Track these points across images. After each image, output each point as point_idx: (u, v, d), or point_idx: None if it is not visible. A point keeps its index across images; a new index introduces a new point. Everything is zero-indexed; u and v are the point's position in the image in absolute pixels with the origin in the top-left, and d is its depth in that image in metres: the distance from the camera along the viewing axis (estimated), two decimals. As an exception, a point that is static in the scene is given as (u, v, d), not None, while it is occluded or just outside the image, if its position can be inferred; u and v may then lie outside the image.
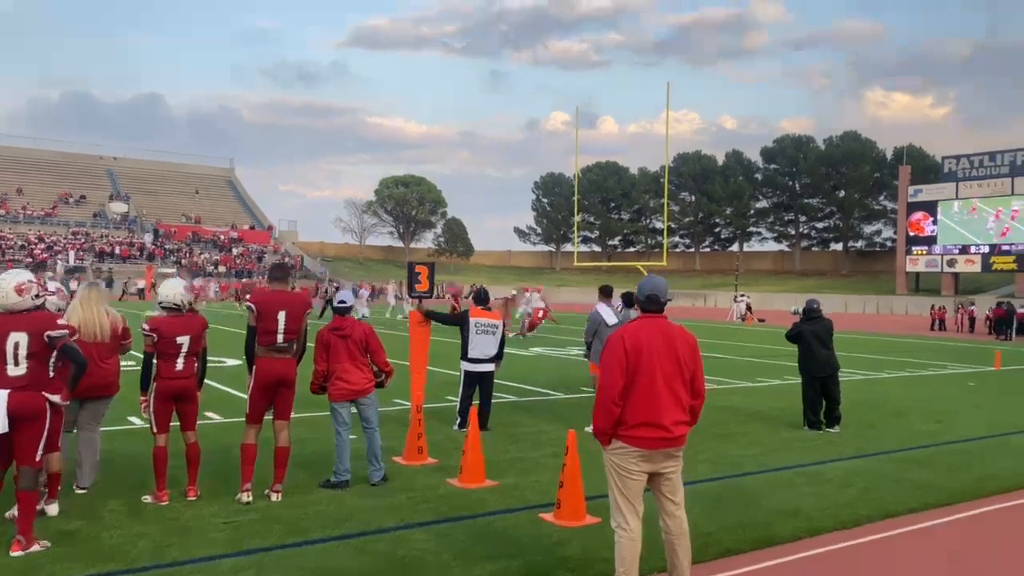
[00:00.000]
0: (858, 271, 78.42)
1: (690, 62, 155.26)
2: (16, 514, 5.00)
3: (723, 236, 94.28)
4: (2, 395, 4.72)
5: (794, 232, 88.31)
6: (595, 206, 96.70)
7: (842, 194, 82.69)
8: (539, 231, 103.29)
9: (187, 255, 69.32)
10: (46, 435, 4.90)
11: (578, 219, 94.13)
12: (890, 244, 77.00)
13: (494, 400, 10.14)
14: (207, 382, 6.73)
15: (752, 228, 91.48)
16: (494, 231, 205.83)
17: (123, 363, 6.78)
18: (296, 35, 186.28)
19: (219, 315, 30.71)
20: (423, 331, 9.25)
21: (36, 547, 4.85)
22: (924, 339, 30.72)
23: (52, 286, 6.82)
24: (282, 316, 6.11)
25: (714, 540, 5.44)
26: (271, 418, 6.33)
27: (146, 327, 5.97)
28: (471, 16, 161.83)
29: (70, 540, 5.09)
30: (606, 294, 10.41)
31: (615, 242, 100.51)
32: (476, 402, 8.75)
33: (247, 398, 6.26)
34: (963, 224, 59.11)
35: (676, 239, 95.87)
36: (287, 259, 77.20)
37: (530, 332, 26.12)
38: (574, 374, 15.44)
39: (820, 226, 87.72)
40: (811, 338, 10.25)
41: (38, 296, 4.96)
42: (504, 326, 9.73)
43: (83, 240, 66.34)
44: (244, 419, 6.29)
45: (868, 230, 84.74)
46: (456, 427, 9.19)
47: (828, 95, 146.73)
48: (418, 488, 6.64)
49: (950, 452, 8.77)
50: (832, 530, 5.84)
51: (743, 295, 46.53)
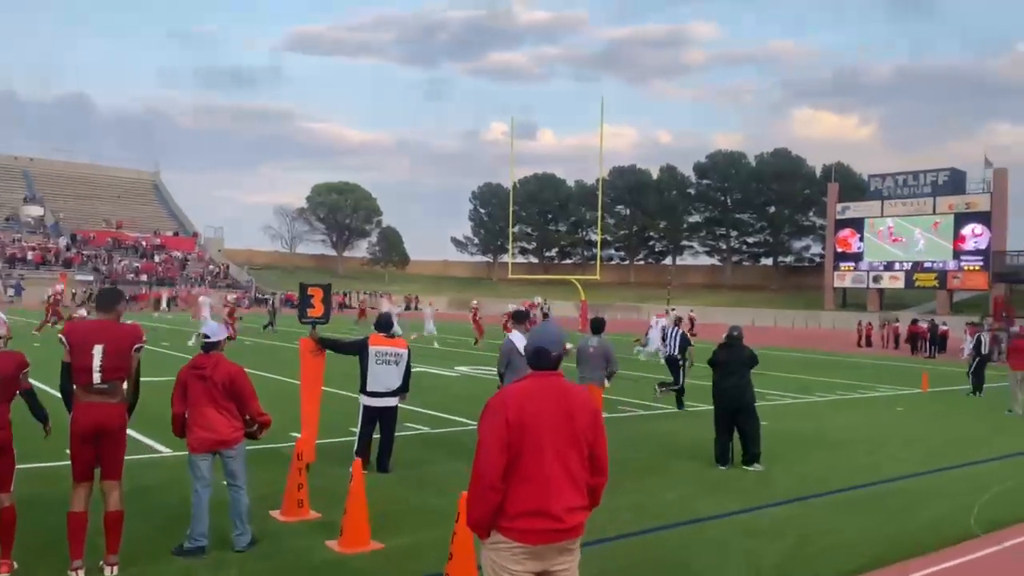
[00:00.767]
0: (788, 286, 79.74)
1: (627, 77, 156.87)
2: None
3: (657, 249, 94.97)
4: None
5: (726, 247, 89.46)
6: (533, 217, 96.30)
7: (772, 210, 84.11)
8: (476, 241, 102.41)
9: (106, 262, 66.25)
10: None
11: (515, 230, 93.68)
12: (818, 260, 78.49)
13: (402, 433, 9.25)
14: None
15: (685, 242, 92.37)
16: (431, 241, 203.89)
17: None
18: (230, 38, 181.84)
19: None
20: (316, 362, 8.31)
21: None
22: (852, 356, 30.89)
23: None
24: (98, 351, 5.04)
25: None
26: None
27: None
28: (409, 25, 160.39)
29: None
30: (519, 320, 9.59)
31: (552, 254, 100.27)
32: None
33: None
34: (888, 241, 60.53)
35: (612, 252, 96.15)
36: (213, 264, 74.60)
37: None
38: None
39: (751, 241, 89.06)
40: (724, 367, 9.61)
41: None
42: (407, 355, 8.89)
43: (-8, 245, 62.78)
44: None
45: (797, 246, 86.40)
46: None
47: (759, 113, 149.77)
48: (287, 555, 5.68)
49: (886, 493, 8.21)
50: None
51: (674, 309, 46.48)
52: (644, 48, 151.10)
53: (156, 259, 70.65)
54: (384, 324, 8.44)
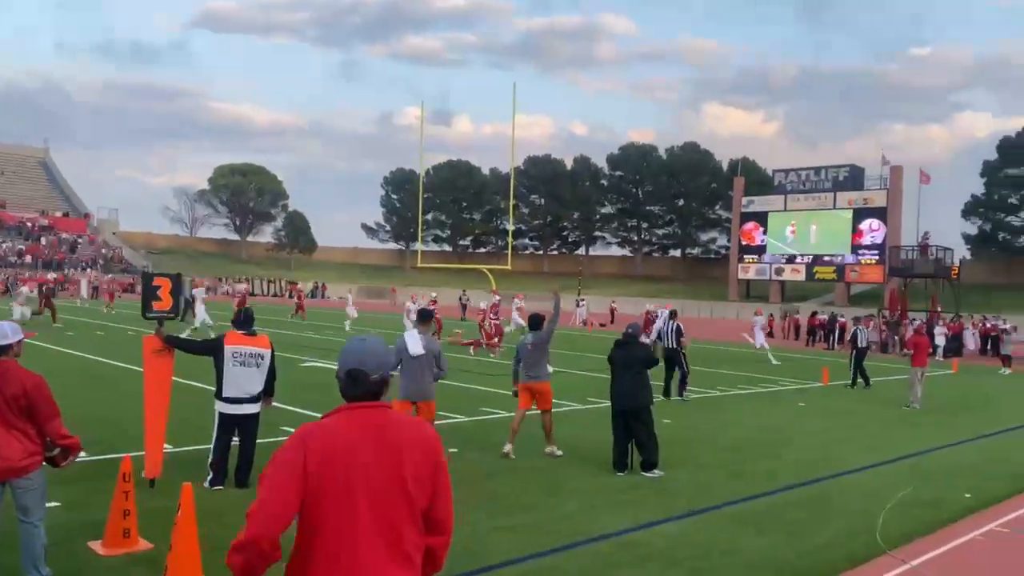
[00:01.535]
0: (695, 277, 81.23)
1: (543, 68, 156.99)
2: None
3: (571, 240, 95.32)
4: None
5: (637, 238, 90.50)
6: (447, 205, 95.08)
7: (681, 203, 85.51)
8: (388, 228, 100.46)
9: (-16, 243, 61.80)
10: None
11: (427, 217, 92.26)
12: (724, 252, 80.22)
13: (271, 439, 8.31)
14: None
15: (598, 233, 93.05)
16: (343, 227, 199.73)
17: None
18: (135, 13, 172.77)
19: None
20: (163, 362, 7.28)
21: None
22: (754, 348, 31.20)
23: None
24: None
25: None
26: None
27: None
28: (323, 5, 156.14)
29: None
30: (423, 320, 8.89)
31: (466, 242, 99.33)
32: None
33: None
34: (790, 235, 62.14)
35: (526, 241, 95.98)
36: (107, 248, 70.47)
37: (495, 345, 23.63)
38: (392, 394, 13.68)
39: (661, 232, 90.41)
40: (618, 366, 9.03)
41: None
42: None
43: None
44: None
45: (704, 238, 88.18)
46: (207, 485, 7.23)
47: (670, 107, 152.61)
48: (93, 604, 4.71)
49: (788, 503, 7.76)
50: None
51: (583, 299, 46.45)
52: (559, 40, 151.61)
53: (43, 241, 66.35)
54: (244, 320, 7.43)
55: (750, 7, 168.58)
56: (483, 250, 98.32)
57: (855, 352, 18.92)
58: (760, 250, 63.80)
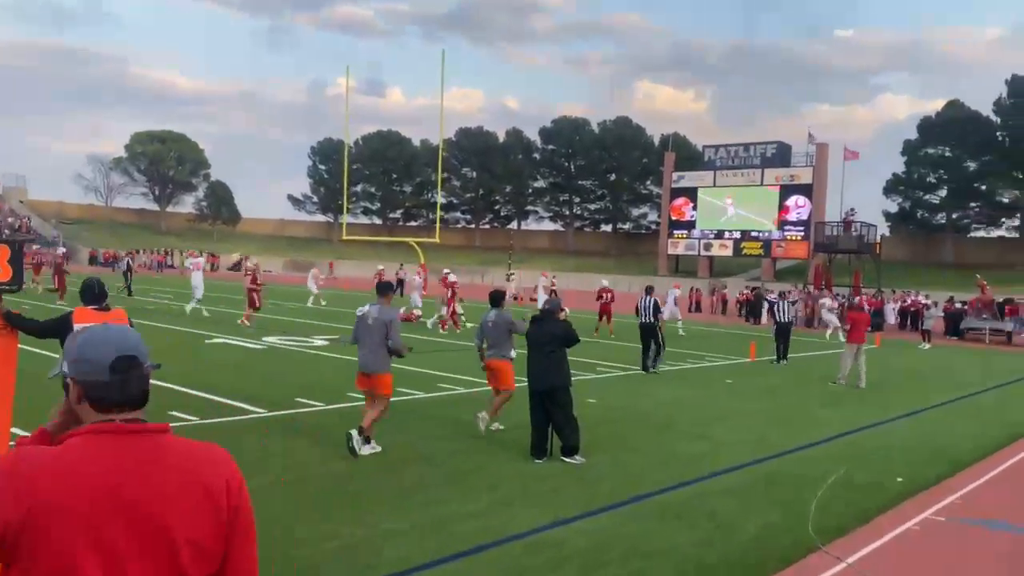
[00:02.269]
0: (626, 252, 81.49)
1: (475, 40, 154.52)
2: None
3: (503, 214, 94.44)
4: None
5: (569, 213, 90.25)
6: (377, 177, 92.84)
7: (613, 177, 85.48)
8: (315, 200, 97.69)
9: None
10: None
11: (355, 189, 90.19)
12: (655, 227, 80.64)
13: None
14: None
15: (530, 207, 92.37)
16: (269, 198, 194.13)
17: None
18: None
19: None
20: (5, 344, 6.26)
21: None
22: (682, 323, 31.12)
23: None
24: None
25: None
26: None
27: None
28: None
29: None
30: (382, 292, 8.36)
31: (396, 215, 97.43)
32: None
33: None
34: (719, 210, 62.66)
35: (457, 215, 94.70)
36: (13, 217, 66.57)
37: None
38: (310, 376, 12.72)
39: (592, 207, 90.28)
40: (533, 343, 8.37)
41: None
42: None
43: None
44: None
45: (635, 213, 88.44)
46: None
47: (603, 83, 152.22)
48: None
49: (713, 494, 7.20)
50: None
51: (513, 273, 45.88)
52: (493, 11, 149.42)
53: (-61, 209, 62.21)
54: (94, 293, 6.35)
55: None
56: (414, 223, 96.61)
57: (776, 327, 18.90)
58: (690, 225, 64.17)
